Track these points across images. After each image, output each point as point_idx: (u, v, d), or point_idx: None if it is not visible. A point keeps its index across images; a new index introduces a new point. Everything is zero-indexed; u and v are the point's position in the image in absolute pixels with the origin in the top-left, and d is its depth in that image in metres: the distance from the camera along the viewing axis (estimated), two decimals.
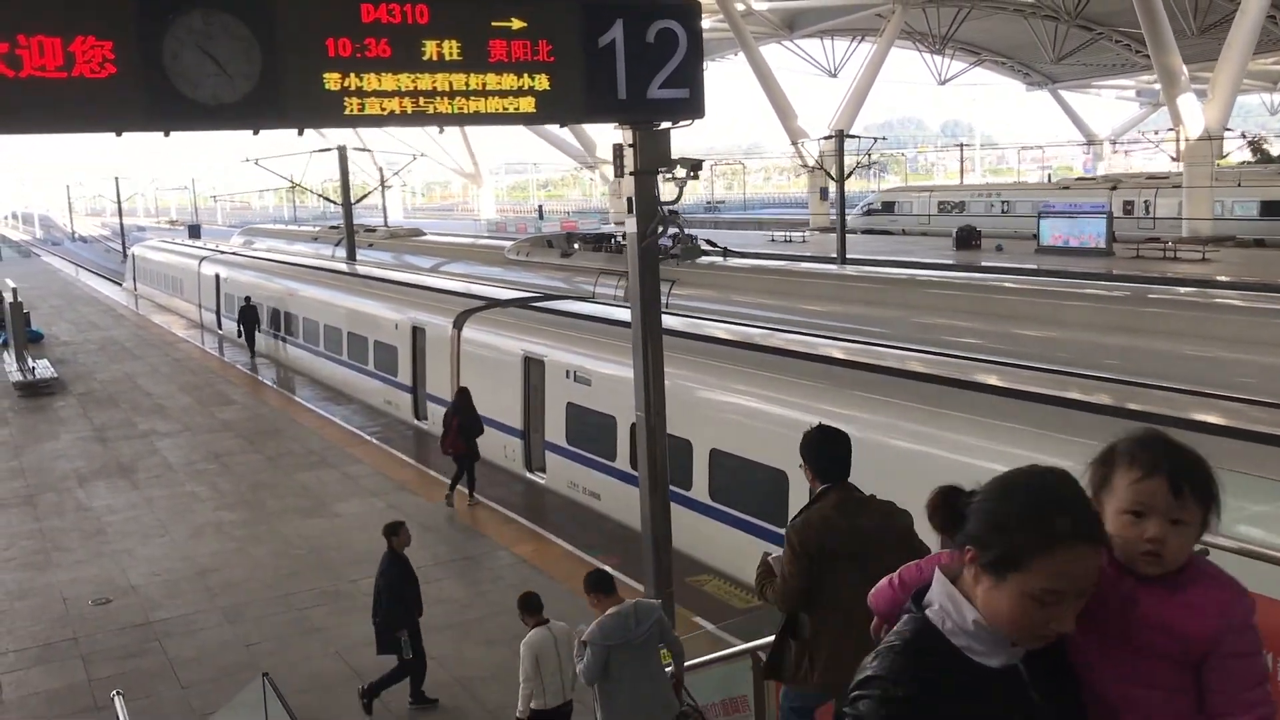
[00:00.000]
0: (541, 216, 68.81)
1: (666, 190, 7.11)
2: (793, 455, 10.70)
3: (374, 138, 62.63)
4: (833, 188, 50.81)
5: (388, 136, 61.72)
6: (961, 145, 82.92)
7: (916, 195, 58.13)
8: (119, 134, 5.74)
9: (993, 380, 9.98)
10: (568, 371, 14.16)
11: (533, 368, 15.02)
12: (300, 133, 6.30)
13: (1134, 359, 12.71)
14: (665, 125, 6.93)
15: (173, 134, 5.90)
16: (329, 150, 30.47)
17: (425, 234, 37.36)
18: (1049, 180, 68.64)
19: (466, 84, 6.26)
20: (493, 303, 17.63)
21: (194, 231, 60.31)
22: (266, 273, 28.21)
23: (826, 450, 4.50)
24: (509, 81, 6.37)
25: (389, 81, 6.09)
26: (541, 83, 6.45)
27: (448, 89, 6.23)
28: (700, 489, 11.64)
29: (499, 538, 12.80)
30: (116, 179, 64.36)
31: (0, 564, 12.38)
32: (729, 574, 10.97)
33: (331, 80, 5.94)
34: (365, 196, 37.45)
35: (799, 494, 10.67)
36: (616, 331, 14.68)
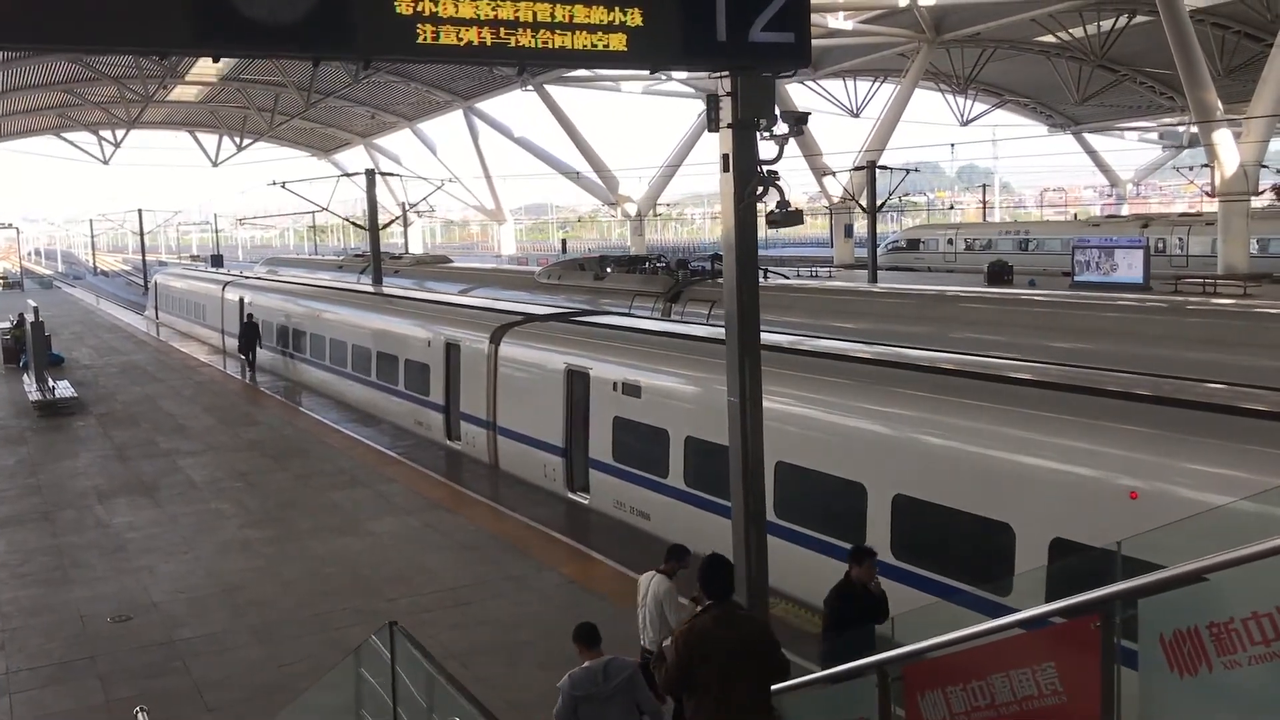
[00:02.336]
0: (565, 251, 68.41)
1: (764, 150, 6.37)
2: (870, 467, 9.83)
3: (395, 169, 62.52)
4: (857, 225, 50.24)
5: (408, 172, 61.66)
6: (985, 186, 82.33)
7: (942, 232, 57.54)
8: (163, 57, 5.09)
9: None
10: (615, 384, 13.39)
11: (576, 381, 14.26)
12: (366, 65, 5.59)
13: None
14: (766, 75, 6.20)
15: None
16: (355, 175, 30.05)
17: (452, 261, 36.84)
18: (1074, 219, 67.97)
19: (552, 15, 5.58)
20: (531, 318, 16.92)
21: (217, 260, 60.24)
22: (292, 295, 27.64)
23: (717, 575, 5.59)
24: (598, 15, 5.69)
25: (466, 8, 5.41)
26: (634, 18, 5.76)
27: (531, 20, 5.54)
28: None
29: (545, 559, 11.97)
30: (140, 211, 64.33)
31: (14, 579, 11.62)
32: (797, 597, 10.08)
33: (403, 4, 5.26)
34: (391, 223, 36.99)
35: (880, 509, 9.85)
36: (667, 342, 13.97)
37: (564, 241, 77.57)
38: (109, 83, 47.02)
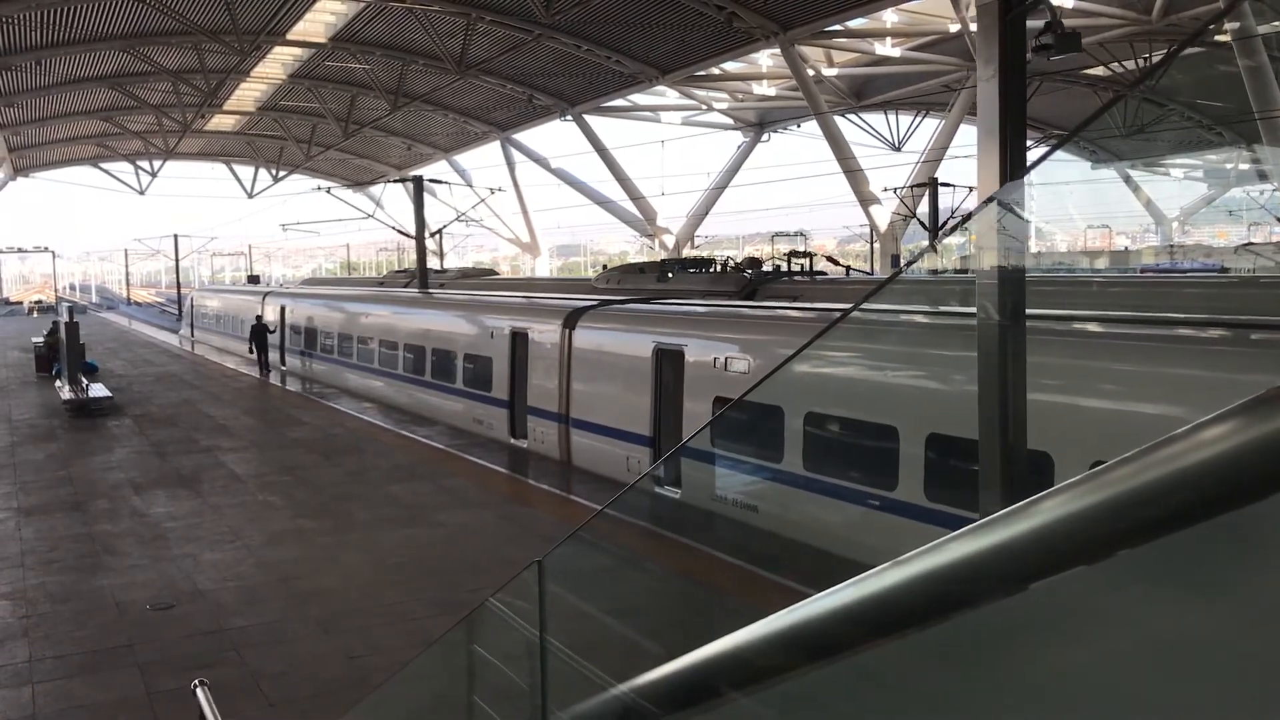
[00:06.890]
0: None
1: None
2: (1058, 434, 8.23)
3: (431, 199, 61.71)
4: (904, 255, 48.65)
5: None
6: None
7: None
8: None
9: None
10: (716, 360, 11.91)
11: (667, 362, 12.79)
12: None
13: None
14: None
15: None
16: (403, 181, 28.95)
17: (500, 273, 35.66)
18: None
19: None
20: (608, 301, 15.52)
21: (253, 279, 59.70)
22: (337, 300, 26.41)
23: None
24: None
25: None
26: None
27: None
28: (911, 485, 9.25)
29: (638, 548, 10.42)
30: (175, 236, 63.85)
31: (40, 565, 10.20)
32: None
33: None
34: (439, 231, 35.84)
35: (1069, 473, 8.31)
36: (776, 313, 12.54)
37: (605, 266, 76.73)
38: (148, 111, 46.37)
